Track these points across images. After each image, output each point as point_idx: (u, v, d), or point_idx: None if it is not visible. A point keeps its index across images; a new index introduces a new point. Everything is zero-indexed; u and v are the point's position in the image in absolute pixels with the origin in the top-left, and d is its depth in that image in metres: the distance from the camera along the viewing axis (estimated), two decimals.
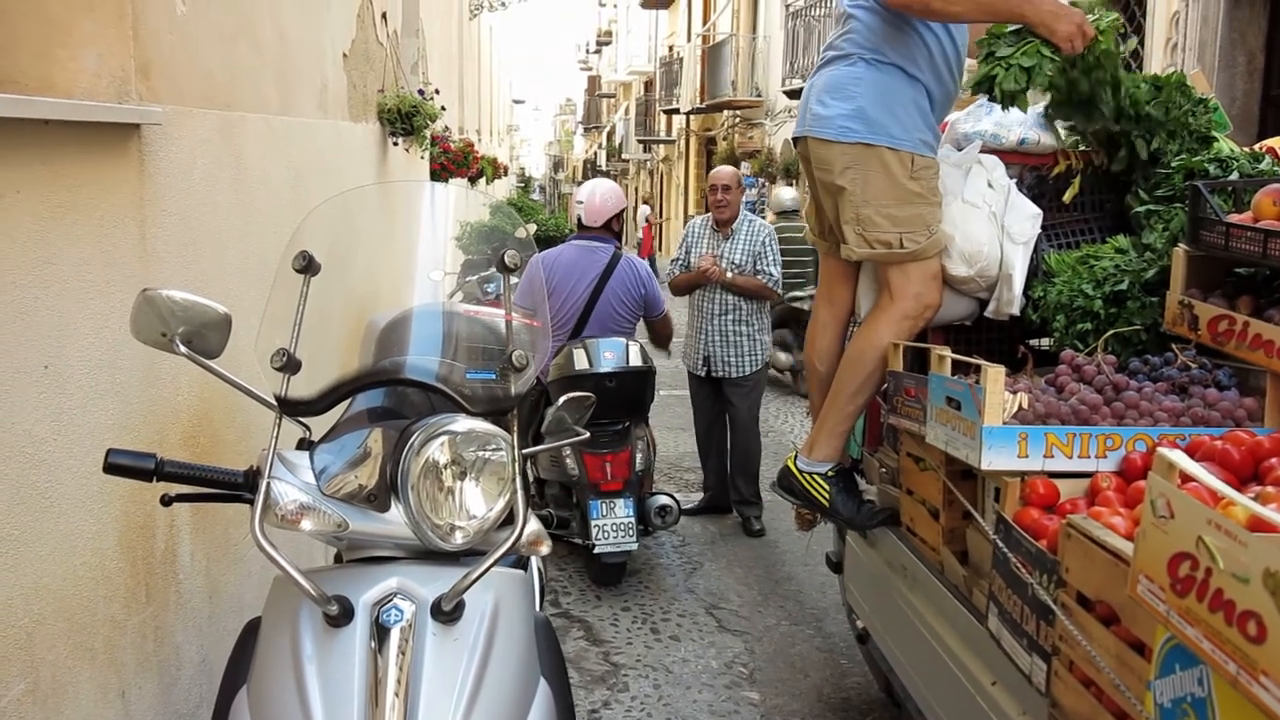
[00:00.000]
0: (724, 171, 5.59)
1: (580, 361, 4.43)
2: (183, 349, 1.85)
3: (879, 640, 3.01)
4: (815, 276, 4.14)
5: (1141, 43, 7.89)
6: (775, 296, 5.46)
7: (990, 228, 2.71)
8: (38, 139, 2.01)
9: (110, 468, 1.74)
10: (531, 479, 4.88)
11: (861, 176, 2.66)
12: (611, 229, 4.95)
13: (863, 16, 2.69)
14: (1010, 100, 2.54)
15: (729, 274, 5.23)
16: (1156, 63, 7.36)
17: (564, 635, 4.05)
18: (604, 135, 42.57)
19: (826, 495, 2.89)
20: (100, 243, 2.24)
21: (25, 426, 1.98)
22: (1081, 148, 2.86)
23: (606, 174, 38.53)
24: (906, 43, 2.66)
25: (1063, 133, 2.86)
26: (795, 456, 2.97)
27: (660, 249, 29.24)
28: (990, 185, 2.76)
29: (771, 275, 5.31)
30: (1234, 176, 2.54)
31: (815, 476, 2.91)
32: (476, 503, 1.83)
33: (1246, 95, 6.73)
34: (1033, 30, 2.51)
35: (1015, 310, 2.74)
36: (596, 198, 4.95)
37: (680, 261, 5.54)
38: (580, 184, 7.00)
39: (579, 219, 5.01)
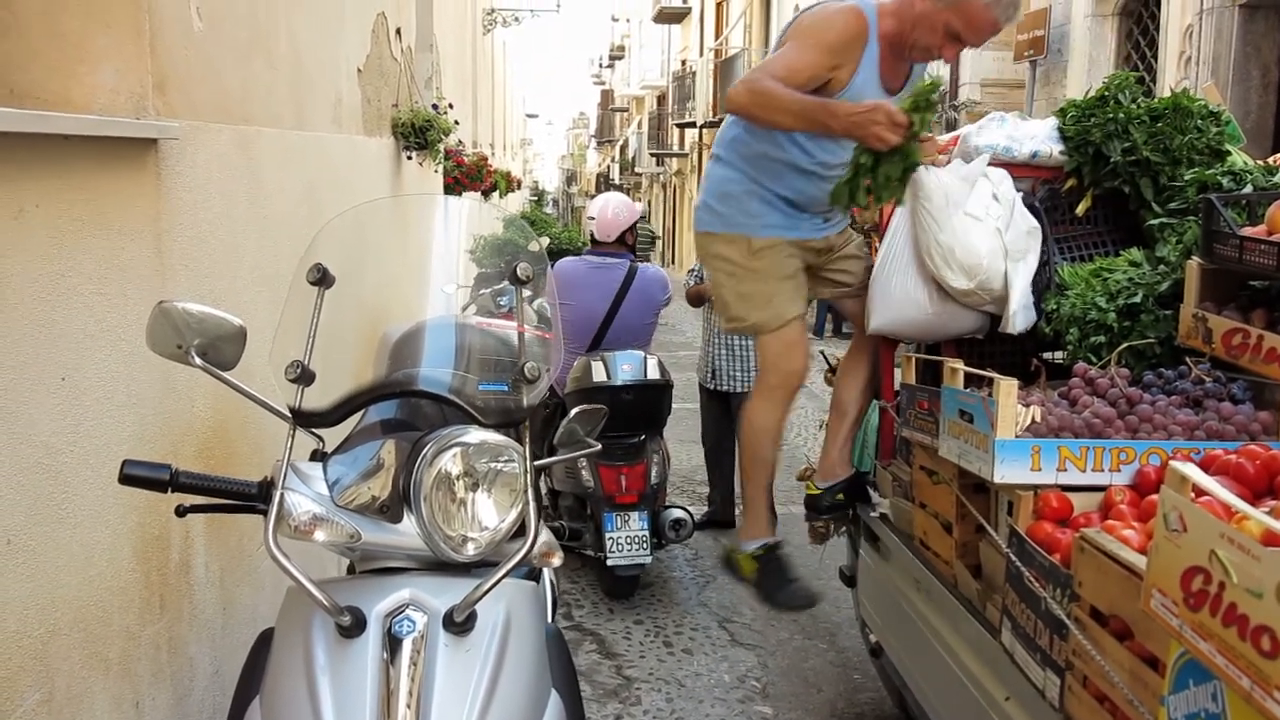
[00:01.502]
0: None
1: (598, 374, 4.44)
2: (198, 361, 1.87)
3: (892, 654, 2.99)
4: None
5: (1155, 57, 7.88)
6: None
7: (992, 241, 2.70)
8: (56, 154, 2.03)
9: (126, 479, 1.75)
10: (546, 491, 4.88)
11: (713, 261, 2.92)
12: (625, 242, 4.96)
13: (726, 118, 2.91)
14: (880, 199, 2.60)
15: None
16: (1169, 76, 7.34)
17: (576, 648, 4.04)
18: (617, 149, 42.67)
19: (753, 574, 3.04)
20: (117, 256, 2.27)
21: (42, 438, 1.99)
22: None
23: (619, 187, 38.60)
24: (758, 134, 2.77)
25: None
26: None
27: (673, 261, 29.27)
28: (996, 199, 2.76)
29: None
30: (1248, 190, 2.54)
31: (743, 556, 3.07)
32: (489, 514, 1.84)
33: (1261, 109, 6.71)
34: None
35: (1017, 329, 2.73)
36: (609, 212, 4.96)
37: (695, 272, 5.54)
38: (592, 198, 7.01)
39: (591, 235, 5.00)
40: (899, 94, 2.66)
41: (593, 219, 4.98)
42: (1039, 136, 2.87)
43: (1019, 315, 2.70)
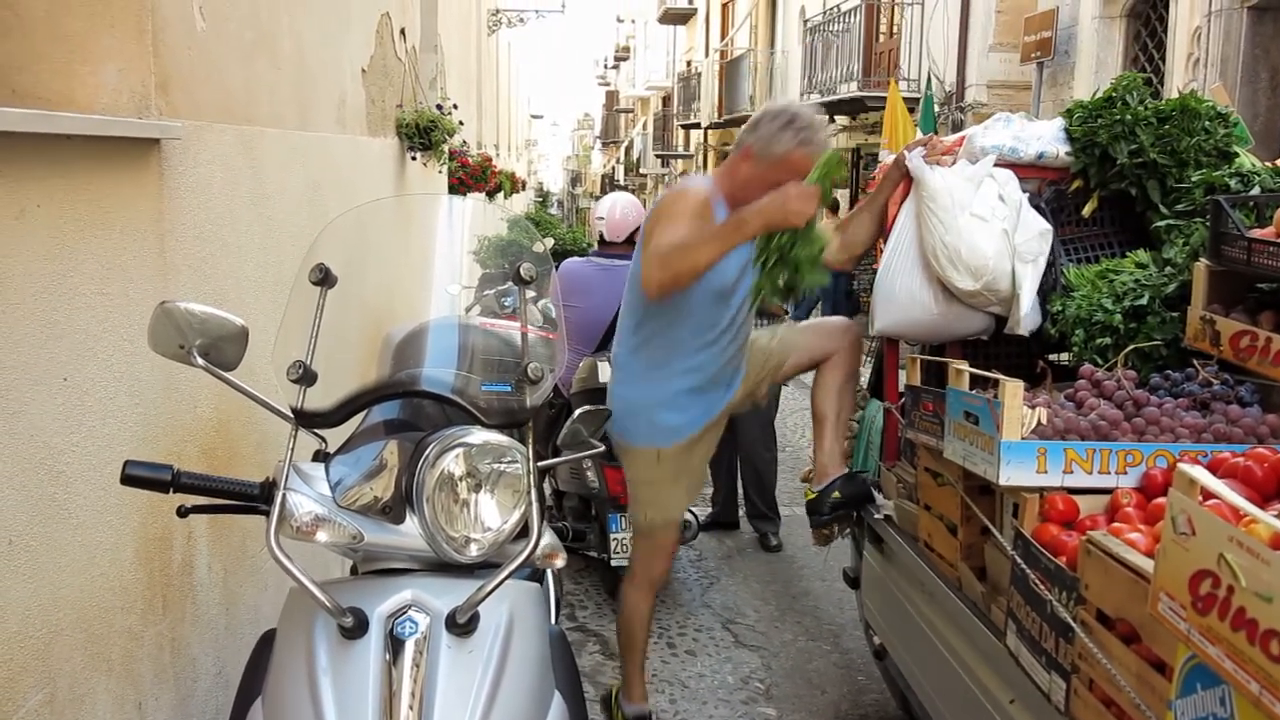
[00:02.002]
0: None
1: (604, 374, 4.42)
2: (200, 361, 1.86)
3: (896, 656, 2.98)
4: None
5: (1162, 58, 7.86)
6: (784, 313, 5.41)
7: (999, 242, 2.69)
8: (59, 154, 2.03)
9: (128, 479, 1.75)
10: (550, 491, 4.87)
11: (625, 461, 3.11)
12: (633, 241, 4.94)
13: (618, 337, 3.09)
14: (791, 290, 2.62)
15: None
16: (1177, 78, 7.32)
17: (579, 649, 4.03)
18: (622, 150, 42.68)
19: None
20: (120, 256, 2.26)
21: (44, 438, 1.99)
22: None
23: (624, 188, 38.61)
24: (660, 317, 2.88)
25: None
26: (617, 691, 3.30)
27: None
28: (1002, 199, 2.75)
29: None
30: (1255, 191, 2.53)
31: (618, 713, 3.23)
32: (491, 515, 1.83)
33: (1270, 110, 6.69)
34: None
35: (1024, 331, 2.73)
36: (617, 212, 4.94)
37: None
38: (598, 199, 6.98)
39: (601, 235, 4.97)
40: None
41: (602, 219, 4.96)
42: (1045, 137, 2.86)
43: (1028, 317, 2.69)
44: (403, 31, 5.49)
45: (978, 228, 2.68)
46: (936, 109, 10.89)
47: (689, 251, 2.54)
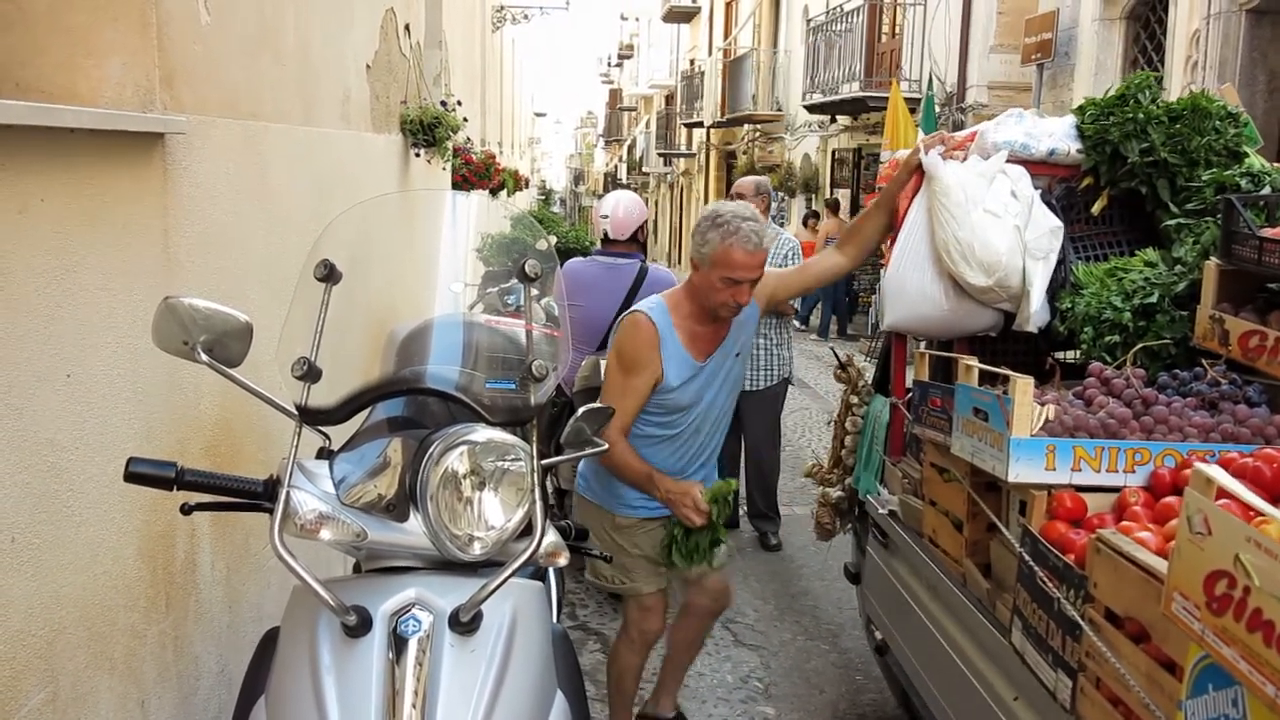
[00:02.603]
0: (743, 181, 5.54)
1: None
2: (204, 357, 1.85)
3: (898, 652, 2.98)
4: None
5: (1161, 61, 7.85)
6: (794, 312, 5.40)
7: (1011, 238, 2.68)
8: (63, 148, 2.02)
9: (131, 476, 1.74)
10: (552, 490, 4.86)
11: (584, 518, 3.05)
12: (637, 239, 4.93)
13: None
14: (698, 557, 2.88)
15: None
16: (1176, 81, 7.31)
17: (580, 648, 4.02)
18: (625, 148, 42.65)
19: None
20: (123, 251, 2.25)
21: (47, 435, 1.98)
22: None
23: (627, 186, 38.60)
24: None
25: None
26: None
27: (679, 263, 29.25)
28: (1014, 195, 2.73)
29: None
30: (1266, 191, 2.52)
31: None
32: (495, 513, 1.82)
33: (1267, 113, 6.68)
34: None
35: (1034, 328, 2.72)
36: (620, 210, 4.92)
37: None
38: (601, 197, 6.95)
39: (605, 234, 4.93)
40: (718, 351, 2.87)
41: (606, 217, 4.92)
42: (1057, 134, 2.85)
43: (1037, 314, 2.68)
44: (407, 27, 5.48)
45: (990, 224, 2.67)
46: (937, 109, 10.88)
47: (621, 475, 2.84)
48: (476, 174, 7.27)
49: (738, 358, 2.94)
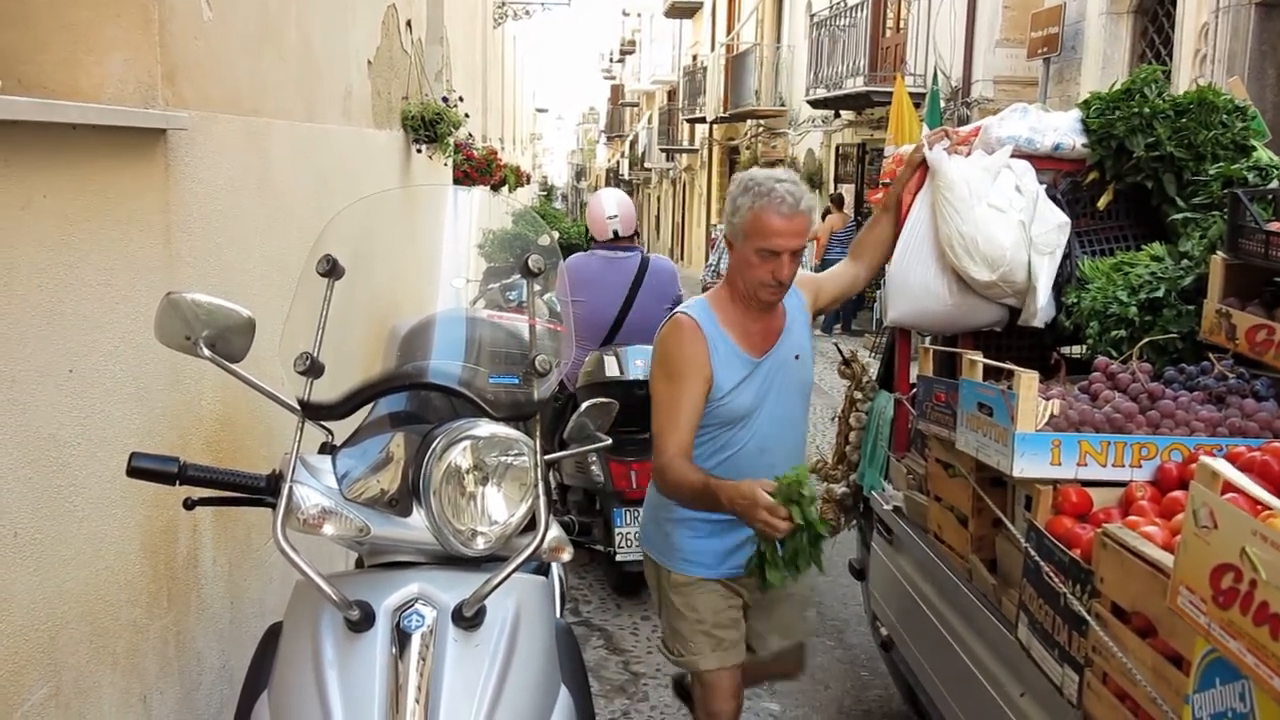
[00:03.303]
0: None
1: (610, 368, 4.41)
2: (206, 352, 1.85)
3: (903, 648, 2.97)
4: None
5: (1169, 55, 7.82)
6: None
7: (1015, 233, 2.67)
8: (65, 144, 2.02)
9: (133, 471, 1.74)
10: (555, 485, 4.86)
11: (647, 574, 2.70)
12: (636, 232, 4.94)
13: None
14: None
15: None
16: (1185, 75, 7.29)
17: (584, 643, 4.02)
18: (626, 144, 42.63)
19: None
20: (126, 247, 2.25)
21: (50, 430, 1.98)
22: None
23: (629, 183, 38.56)
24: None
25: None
26: None
27: (682, 257, 29.25)
28: (1019, 190, 2.72)
29: None
30: (1273, 185, 2.50)
31: None
32: (498, 508, 1.82)
33: (1277, 107, 6.66)
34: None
35: (1039, 323, 2.71)
36: (624, 208, 4.91)
37: (712, 268, 5.50)
38: (588, 202, 6.92)
39: (615, 233, 4.89)
40: (776, 347, 2.49)
41: (615, 217, 4.87)
42: (1062, 129, 2.83)
43: (1043, 309, 2.67)
44: (408, 23, 5.48)
45: (995, 218, 2.66)
46: (942, 104, 10.85)
47: (677, 495, 2.38)
48: (478, 170, 7.27)
49: (798, 360, 2.54)
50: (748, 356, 2.45)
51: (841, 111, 15.43)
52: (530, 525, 1.81)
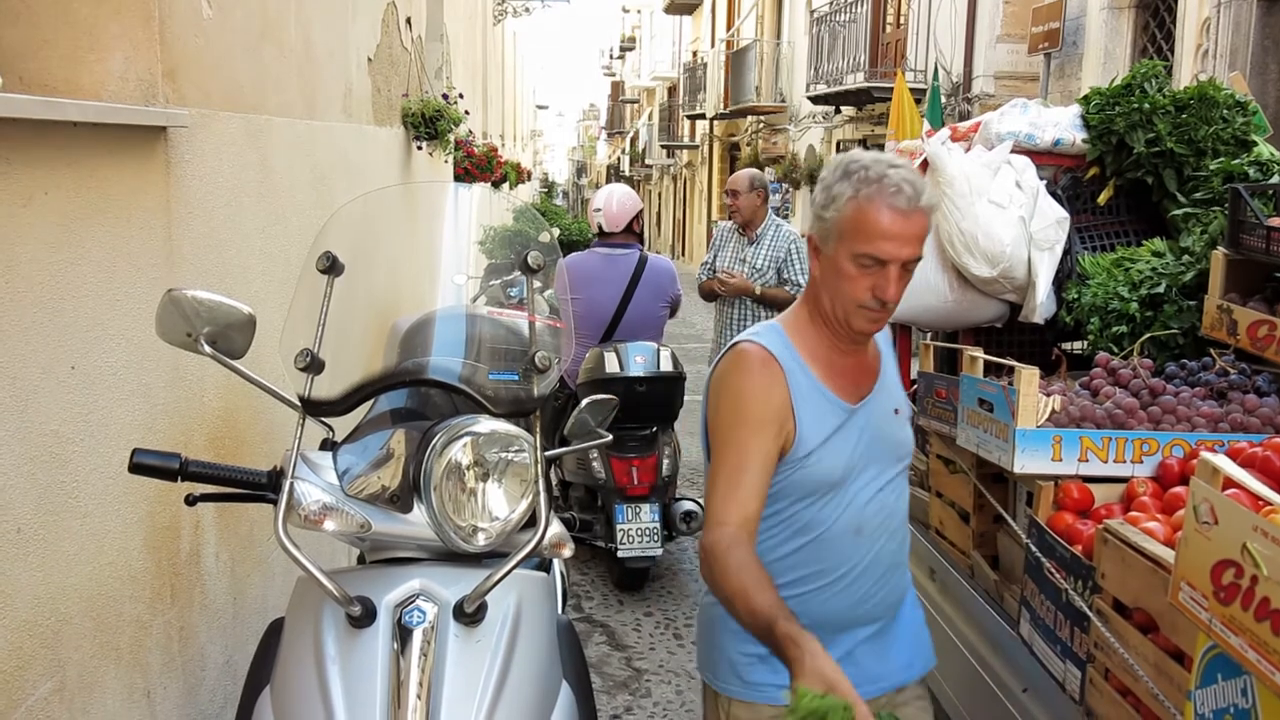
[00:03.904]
0: (736, 175, 5.47)
1: (610, 365, 4.41)
2: (207, 349, 1.85)
3: None
4: None
5: (1171, 50, 7.81)
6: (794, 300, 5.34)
7: (1016, 229, 2.67)
8: (66, 141, 2.02)
9: (136, 467, 1.74)
10: (556, 481, 4.86)
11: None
12: (633, 230, 4.93)
13: None
14: None
15: (757, 288, 5.12)
16: (1186, 70, 7.28)
17: (586, 640, 4.02)
18: (627, 141, 42.60)
19: None
20: (127, 244, 2.25)
21: (52, 426, 1.98)
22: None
23: (629, 179, 38.54)
24: None
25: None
26: None
27: (683, 254, 29.23)
28: (1019, 186, 2.72)
29: (797, 284, 5.22)
30: (1274, 180, 2.50)
31: None
32: (499, 504, 1.82)
33: (1278, 103, 6.64)
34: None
35: (1039, 319, 2.71)
36: (614, 204, 4.92)
37: (708, 266, 5.49)
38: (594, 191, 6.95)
39: (600, 227, 4.95)
40: (873, 391, 1.83)
41: (599, 210, 4.94)
42: (1062, 124, 2.83)
43: (1043, 305, 2.67)
44: (408, 20, 5.47)
45: (995, 214, 2.66)
46: (943, 100, 10.83)
47: (723, 581, 1.58)
48: (478, 167, 7.26)
49: (898, 416, 1.86)
50: (840, 401, 1.79)
51: (842, 107, 15.40)
52: (531, 521, 1.81)
